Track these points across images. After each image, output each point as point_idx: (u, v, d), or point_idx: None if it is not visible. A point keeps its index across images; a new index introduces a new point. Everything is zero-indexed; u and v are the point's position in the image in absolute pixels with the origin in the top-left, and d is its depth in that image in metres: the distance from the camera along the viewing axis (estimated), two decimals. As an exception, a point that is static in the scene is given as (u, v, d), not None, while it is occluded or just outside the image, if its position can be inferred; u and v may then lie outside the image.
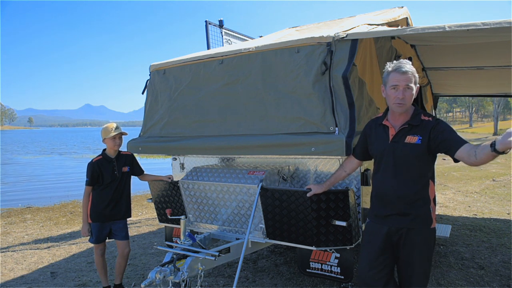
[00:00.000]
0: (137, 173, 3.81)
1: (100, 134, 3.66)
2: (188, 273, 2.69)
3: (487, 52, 3.92)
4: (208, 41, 5.54)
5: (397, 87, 2.15)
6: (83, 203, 3.55)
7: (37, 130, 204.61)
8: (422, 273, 2.29)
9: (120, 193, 3.64)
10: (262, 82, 3.12)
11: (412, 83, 2.15)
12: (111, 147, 3.61)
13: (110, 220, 3.59)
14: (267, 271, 4.18)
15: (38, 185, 13.19)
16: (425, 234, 2.24)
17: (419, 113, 2.24)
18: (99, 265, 3.67)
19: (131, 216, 3.76)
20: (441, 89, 6.43)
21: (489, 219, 6.30)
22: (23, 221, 7.36)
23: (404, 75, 2.13)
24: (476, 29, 2.32)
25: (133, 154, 3.83)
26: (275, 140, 2.92)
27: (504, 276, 3.90)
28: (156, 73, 3.82)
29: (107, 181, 3.54)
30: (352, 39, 2.79)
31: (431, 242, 2.29)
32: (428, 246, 2.28)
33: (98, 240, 3.57)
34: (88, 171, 3.51)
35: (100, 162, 3.55)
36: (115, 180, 3.58)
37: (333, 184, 2.71)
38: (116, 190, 3.59)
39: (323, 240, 2.78)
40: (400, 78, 2.13)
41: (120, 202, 3.63)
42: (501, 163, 14.80)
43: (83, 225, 3.56)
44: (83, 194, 3.55)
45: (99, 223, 3.54)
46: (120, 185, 3.63)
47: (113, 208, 3.58)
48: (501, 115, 61.48)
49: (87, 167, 3.54)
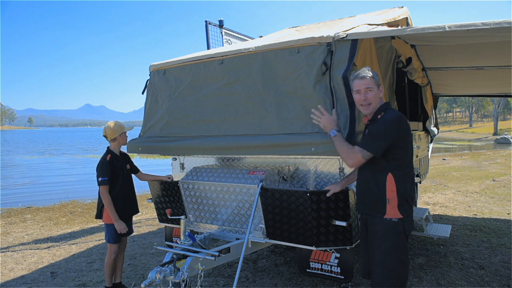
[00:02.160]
0: (135, 171, 3.81)
1: (109, 131, 3.53)
2: (188, 273, 2.70)
3: (487, 52, 3.91)
4: (208, 41, 5.54)
5: (359, 91, 2.44)
6: (108, 202, 3.41)
7: (37, 130, 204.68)
8: (381, 266, 2.36)
9: (132, 189, 3.68)
10: (262, 82, 3.12)
11: (372, 85, 2.41)
12: (123, 143, 3.63)
13: (129, 217, 3.64)
14: (267, 271, 4.18)
15: (38, 185, 13.18)
16: (382, 224, 2.37)
17: (380, 111, 2.42)
18: (110, 266, 3.59)
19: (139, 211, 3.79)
20: (441, 89, 6.43)
21: (489, 219, 6.30)
22: (23, 221, 7.36)
23: (363, 80, 2.41)
24: (476, 29, 2.32)
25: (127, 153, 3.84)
26: (275, 140, 2.92)
27: (504, 276, 3.90)
28: (156, 73, 3.82)
29: (121, 179, 3.54)
30: (352, 39, 2.79)
31: (389, 233, 2.35)
32: (385, 237, 2.36)
33: (119, 239, 3.56)
34: (105, 169, 3.42)
35: (112, 160, 3.52)
36: (125, 177, 3.60)
37: (351, 182, 2.76)
38: (129, 187, 3.64)
39: (323, 240, 2.78)
40: (360, 83, 2.43)
41: (134, 199, 3.69)
42: (501, 163, 14.81)
43: (118, 223, 3.42)
44: (102, 195, 3.42)
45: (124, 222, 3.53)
46: (130, 182, 3.67)
47: (131, 205, 3.64)
48: (501, 115, 61.51)
49: (100, 166, 3.45)
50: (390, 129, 2.32)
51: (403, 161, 2.37)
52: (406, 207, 2.38)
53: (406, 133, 2.40)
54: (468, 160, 16.24)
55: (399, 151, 2.34)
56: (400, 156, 2.36)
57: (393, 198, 2.35)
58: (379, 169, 2.39)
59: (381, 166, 2.38)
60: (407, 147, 2.41)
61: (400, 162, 2.36)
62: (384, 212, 2.38)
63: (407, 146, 2.41)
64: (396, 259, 2.36)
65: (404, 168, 2.38)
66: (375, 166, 2.40)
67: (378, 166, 2.39)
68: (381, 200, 2.38)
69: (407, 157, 2.41)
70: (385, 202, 2.36)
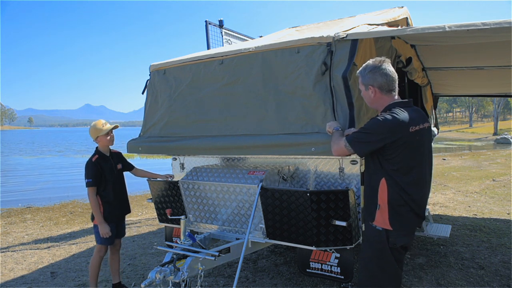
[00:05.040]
0: (129, 168, 3.79)
1: (90, 132, 3.53)
2: (188, 273, 2.69)
3: (487, 52, 3.91)
4: (208, 41, 5.54)
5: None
6: (94, 204, 3.39)
7: (37, 130, 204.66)
8: (361, 273, 2.36)
9: (124, 190, 3.66)
10: (262, 82, 3.12)
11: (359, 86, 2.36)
12: (105, 144, 3.52)
13: (121, 218, 3.63)
14: (267, 271, 4.18)
15: (38, 185, 13.19)
16: (368, 230, 2.33)
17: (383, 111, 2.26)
18: (97, 268, 3.52)
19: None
20: (441, 89, 6.42)
21: (489, 219, 6.30)
22: (23, 221, 7.36)
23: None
24: (476, 29, 2.32)
25: (120, 152, 3.80)
26: (275, 140, 2.92)
27: (504, 276, 3.90)
28: (156, 73, 3.82)
29: (110, 179, 3.50)
30: (352, 39, 2.79)
31: (372, 241, 2.30)
32: (369, 244, 2.34)
33: (111, 241, 3.50)
34: (89, 171, 3.39)
35: (99, 161, 3.47)
36: (115, 178, 3.57)
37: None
38: (121, 188, 3.61)
39: (323, 240, 2.78)
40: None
41: (125, 199, 3.67)
42: (501, 163, 14.81)
43: (102, 226, 3.38)
44: (89, 196, 3.42)
45: (114, 224, 3.51)
46: (121, 182, 3.64)
47: (122, 206, 3.62)
48: (501, 115, 61.50)
49: (86, 167, 3.42)
50: (376, 132, 2.13)
51: (399, 168, 2.15)
52: (400, 219, 2.18)
53: (403, 137, 2.12)
54: (468, 160, 16.24)
55: (394, 156, 2.15)
56: (396, 161, 2.15)
57: (383, 206, 2.19)
58: (374, 171, 2.26)
59: (376, 167, 2.24)
60: (405, 153, 2.15)
61: (395, 168, 2.16)
62: (373, 218, 2.26)
63: (404, 152, 2.15)
64: (377, 268, 2.26)
65: (401, 177, 2.16)
66: (372, 167, 2.28)
67: (373, 168, 2.26)
68: (372, 205, 2.26)
69: (406, 165, 2.16)
70: (375, 207, 2.23)
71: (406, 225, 2.22)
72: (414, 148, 2.19)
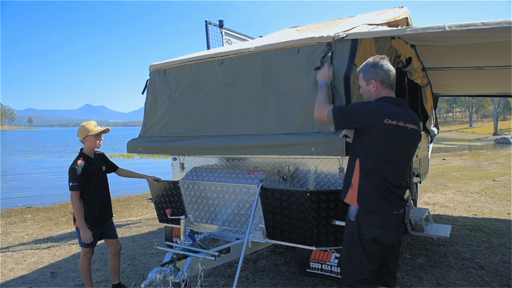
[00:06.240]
0: (113, 169, 3.76)
1: (78, 133, 3.49)
2: (188, 273, 2.70)
3: (487, 52, 3.91)
4: (208, 41, 5.54)
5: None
6: (77, 208, 3.32)
7: (37, 130, 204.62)
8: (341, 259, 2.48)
9: (107, 192, 3.63)
10: (262, 82, 3.12)
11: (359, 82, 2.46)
12: (93, 146, 3.48)
13: (104, 221, 3.58)
14: (267, 271, 4.18)
15: (38, 185, 13.19)
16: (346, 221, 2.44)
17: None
18: (87, 271, 3.51)
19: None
20: (441, 89, 6.42)
21: (489, 219, 6.30)
22: (23, 221, 7.37)
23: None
24: (476, 29, 2.32)
25: (103, 153, 3.78)
26: (275, 140, 2.92)
27: (504, 276, 3.90)
28: (156, 73, 3.82)
29: (95, 183, 3.46)
30: (352, 39, 2.79)
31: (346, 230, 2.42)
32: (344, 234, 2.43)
33: (94, 244, 3.46)
34: (74, 175, 3.31)
35: (84, 165, 3.40)
36: (99, 180, 3.53)
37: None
38: (104, 191, 3.58)
39: (323, 240, 2.78)
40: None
41: (108, 202, 3.64)
42: (501, 163, 14.81)
43: (84, 232, 3.32)
44: (72, 200, 3.33)
45: (96, 227, 3.47)
46: (105, 184, 3.61)
47: (105, 209, 3.58)
48: (501, 115, 61.49)
49: (71, 171, 3.34)
50: (355, 113, 2.28)
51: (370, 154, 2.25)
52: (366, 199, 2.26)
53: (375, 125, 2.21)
54: (468, 160, 16.24)
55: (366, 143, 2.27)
56: (367, 148, 2.26)
57: (355, 185, 2.31)
58: (353, 152, 2.38)
59: (354, 149, 2.37)
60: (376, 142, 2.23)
61: (366, 153, 2.26)
62: (345, 195, 2.39)
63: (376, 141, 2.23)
64: (346, 258, 2.40)
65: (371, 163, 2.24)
66: (352, 147, 2.41)
67: (352, 149, 2.40)
68: (347, 183, 2.38)
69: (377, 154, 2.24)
70: (349, 186, 2.36)
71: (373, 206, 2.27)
72: (386, 141, 2.24)
